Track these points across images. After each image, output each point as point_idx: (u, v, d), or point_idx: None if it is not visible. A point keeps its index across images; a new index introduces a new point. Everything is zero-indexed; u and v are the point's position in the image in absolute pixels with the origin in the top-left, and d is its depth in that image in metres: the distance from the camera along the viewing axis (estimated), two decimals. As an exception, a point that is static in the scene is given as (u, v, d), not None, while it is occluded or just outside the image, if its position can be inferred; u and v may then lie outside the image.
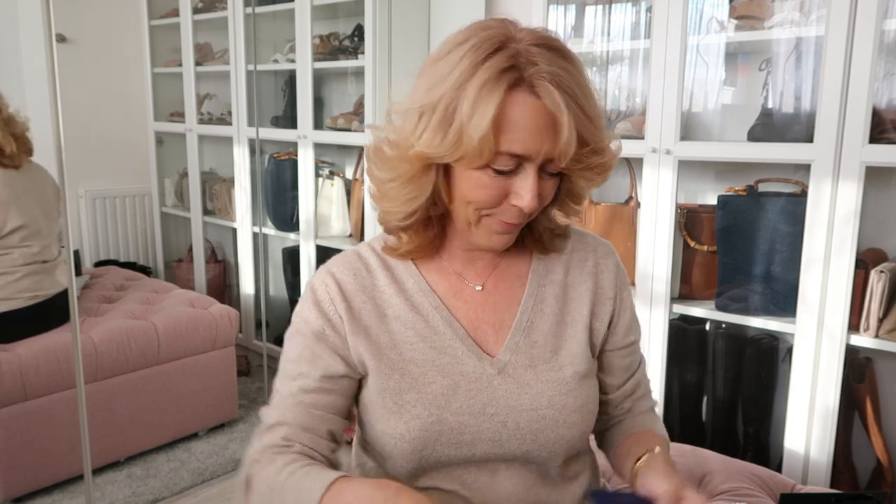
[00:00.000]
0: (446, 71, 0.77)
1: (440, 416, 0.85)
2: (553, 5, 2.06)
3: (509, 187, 0.80)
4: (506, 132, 0.76)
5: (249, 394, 2.74)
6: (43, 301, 2.06)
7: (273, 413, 0.88)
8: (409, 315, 0.90)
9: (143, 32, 3.32)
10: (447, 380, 0.87)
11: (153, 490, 2.07)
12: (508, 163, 0.78)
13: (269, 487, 0.80)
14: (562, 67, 0.76)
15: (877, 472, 1.72)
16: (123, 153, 3.37)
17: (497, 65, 0.75)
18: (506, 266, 0.94)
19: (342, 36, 2.74)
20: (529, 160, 0.78)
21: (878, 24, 1.49)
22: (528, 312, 0.92)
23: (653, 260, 1.87)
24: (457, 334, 0.89)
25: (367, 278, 0.91)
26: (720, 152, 1.85)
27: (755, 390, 1.89)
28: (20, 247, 2.01)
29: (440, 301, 0.91)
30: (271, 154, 2.94)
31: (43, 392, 1.98)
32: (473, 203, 0.82)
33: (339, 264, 0.92)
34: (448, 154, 0.78)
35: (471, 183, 0.80)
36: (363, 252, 0.94)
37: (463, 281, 0.92)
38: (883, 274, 1.57)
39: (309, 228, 2.72)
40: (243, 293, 3.08)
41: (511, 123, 0.75)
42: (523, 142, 0.76)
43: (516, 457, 0.88)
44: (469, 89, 0.75)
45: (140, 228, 3.45)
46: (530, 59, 0.76)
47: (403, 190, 0.83)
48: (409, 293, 0.91)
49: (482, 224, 0.84)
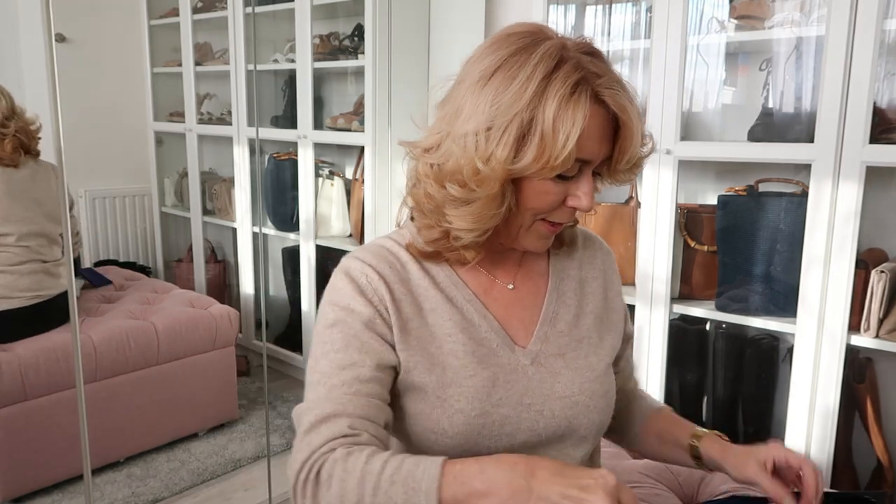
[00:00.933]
0: (515, 87, 0.77)
1: (483, 408, 0.85)
2: (553, 5, 2.06)
3: (567, 191, 0.84)
4: (580, 141, 0.78)
5: (249, 394, 2.74)
6: (44, 301, 2.06)
7: (325, 405, 0.81)
8: (446, 307, 0.89)
9: (143, 32, 3.31)
10: (487, 371, 0.87)
11: (153, 490, 2.07)
12: (574, 168, 0.81)
13: (358, 482, 0.73)
14: (615, 75, 0.81)
15: (877, 472, 1.72)
16: (123, 153, 3.37)
17: (568, 78, 0.77)
18: (529, 265, 0.98)
19: (342, 36, 2.74)
20: (589, 164, 0.83)
21: (879, 24, 1.49)
22: (553, 304, 0.96)
23: (653, 260, 1.87)
24: (491, 326, 0.91)
25: (402, 272, 0.90)
26: (720, 152, 1.85)
27: (755, 390, 1.89)
28: (17, 245, 2.01)
29: (473, 295, 0.92)
30: (271, 154, 2.94)
31: (43, 392, 1.98)
32: (534, 209, 0.85)
33: (371, 256, 0.90)
34: (528, 167, 0.79)
35: (537, 190, 0.82)
36: (389, 246, 0.92)
37: (494, 280, 0.94)
38: (883, 274, 1.57)
39: (309, 228, 2.72)
40: (243, 293, 3.08)
41: (584, 133, 0.78)
42: (591, 148, 0.81)
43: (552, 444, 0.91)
44: (548, 103, 0.77)
45: (140, 228, 3.45)
46: (591, 70, 0.79)
47: (486, 209, 0.82)
48: (442, 286, 0.91)
49: (533, 229, 0.87)
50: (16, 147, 2.04)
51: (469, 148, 0.80)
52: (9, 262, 1.99)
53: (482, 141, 0.79)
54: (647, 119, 1.83)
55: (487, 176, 0.79)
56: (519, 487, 0.68)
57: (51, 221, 2.12)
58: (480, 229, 0.84)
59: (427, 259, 0.91)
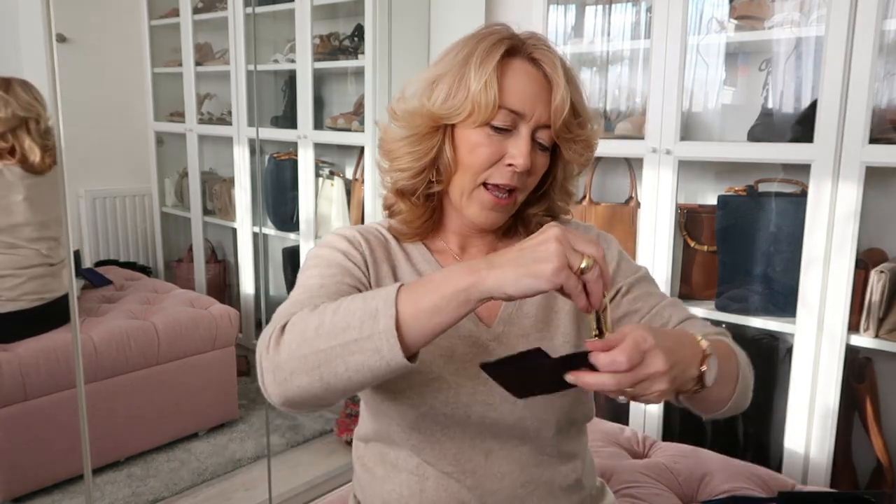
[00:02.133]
0: (453, 52, 0.91)
1: (440, 374, 0.90)
2: (553, 5, 2.06)
3: (504, 149, 0.89)
4: (505, 91, 0.87)
5: (249, 394, 2.74)
6: (47, 303, 2.06)
7: (299, 298, 0.83)
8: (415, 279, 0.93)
9: (143, 32, 3.31)
10: (446, 341, 0.91)
11: (153, 490, 2.07)
12: (506, 120, 0.88)
13: (318, 314, 0.73)
14: (551, 47, 0.92)
15: (877, 472, 1.71)
16: (123, 153, 3.37)
17: (496, 38, 0.89)
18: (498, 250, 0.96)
19: (342, 36, 2.74)
20: (524, 120, 0.88)
21: (878, 24, 1.49)
22: None
23: (653, 260, 1.87)
24: None
25: (385, 244, 0.99)
26: (720, 152, 1.85)
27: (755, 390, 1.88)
28: (29, 248, 2.02)
29: None
30: (271, 154, 2.94)
31: (43, 392, 1.98)
32: (471, 167, 0.90)
33: (360, 227, 1.00)
34: (456, 110, 0.88)
35: (471, 143, 0.89)
36: (376, 226, 1.02)
37: (459, 261, 0.98)
38: (883, 274, 1.57)
39: (309, 228, 2.72)
40: (243, 293, 3.08)
41: (510, 83, 0.88)
42: (520, 100, 0.88)
43: (510, 426, 0.91)
44: (474, 57, 0.88)
45: (140, 228, 3.44)
46: (523, 38, 0.91)
47: (414, 148, 0.92)
48: (415, 262, 0.98)
49: (474, 197, 0.91)
50: (53, 160, 2.08)
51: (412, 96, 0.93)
52: (19, 265, 2.00)
53: (424, 92, 0.92)
54: (648, 119, 1.84)
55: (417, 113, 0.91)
56: (475, 267, 0.69)
57: (59, 224, 2.14)
58: (412, 168, 0.93)
59: (403, 238, 0.99)
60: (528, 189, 0.94)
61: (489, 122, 0.88)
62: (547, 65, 0.89)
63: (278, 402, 0.75)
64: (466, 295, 0.68)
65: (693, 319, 0.97)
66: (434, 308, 0.68)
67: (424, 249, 0.99)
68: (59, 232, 2.11)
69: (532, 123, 0.89)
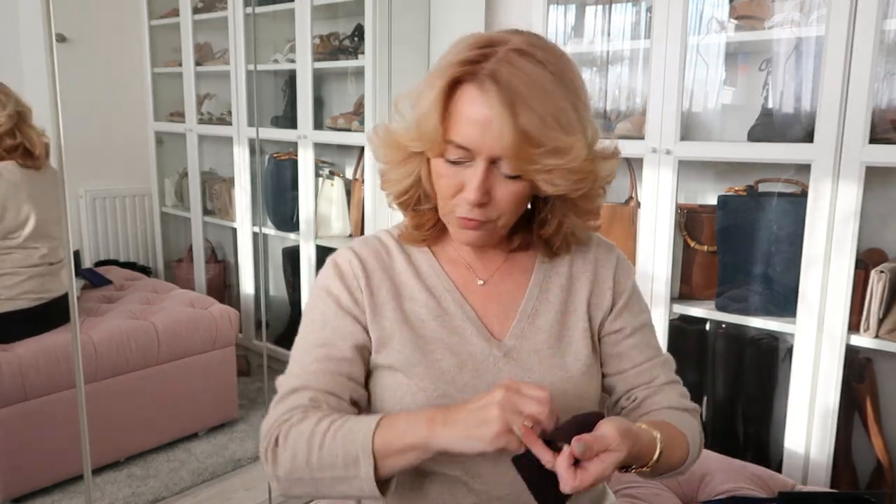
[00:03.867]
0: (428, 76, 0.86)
1: (446, 391, 0.88)
2: (553, 5, 2.06)
3: (463, 181, 0.85)
4: (453, 123, 0.82)
5: (249, 394, 2.74)
6: (47, 302, 2.06)
7: (294, 380, 0.89)
8: (423, 295, 0.94)
9: (143, 32, 3.31)
10: (455, 358, 0.90)
11: (153, 490, 2.07)
12: (457, 153, 0.83)
13: (307, 440, 0.81)
14: (518, 68, 0.79)
15: (877, 472, 1.72)
16: (123, 153, 3.37)
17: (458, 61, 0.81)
18: (513, 262, 0.98)
19: (342, 36, 2.74)
20: (477, 154, 0.82)
21: (878, 24, 1.49)
22: (534, 300, 0.96)
23: (653, 260, 1.87)
24: (467, 316, 0.93)
25: (387, 260, 0.97)
26: (720, 152, 1.85)
27: (755, 390, 1.89)
28: (29, 248, 2.02)
29: (453, 284, 0.96)
30: (271, 154, 2.94)
31: (43, 392, 1.98)
32: (440, 193, 0.88)
33: (360, 244, 0.98)
34: (413, 141, 0.86)
35: (436, 172, 0.87)
36: (382, 237, 1.00)
37: (471, 273, 0.97)
38: (883, 274, 1.57)
39: (309, 228, 2.72)
40: (243, 293, 3.08)
41: (456, 115, 0.82)
42: (466, 134, 0.81)
43: None
44: (429, 89, 0.83)
45: (140, 228, 3.44)
46: (493, 59, 0.80)
47: (393, 173, 0.93)
48: (423, 276, 0.96)
49: (451, 218, 0.89)
50: (47, 152, 2.09)
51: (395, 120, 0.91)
52: (20, 264, 2.00)
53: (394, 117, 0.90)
54: (648, 119, 1.83)
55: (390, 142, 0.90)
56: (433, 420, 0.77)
57: (58, 223, 2.13)
58: (395, 191, 0.94)
59: (413, 243, 0.98)
60: (502, 217, 0.87)
61: (442, 155, 0.84)
62: (485, 95, 0.79)
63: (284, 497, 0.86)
64: (424, 448, 0.77)
65: (675, 384, 1.00)
66: (401, 452, 0.78)
67: (432, 259, 0.97)
68: (58, 231, 2.11)
69: (484, 156, 0.81)
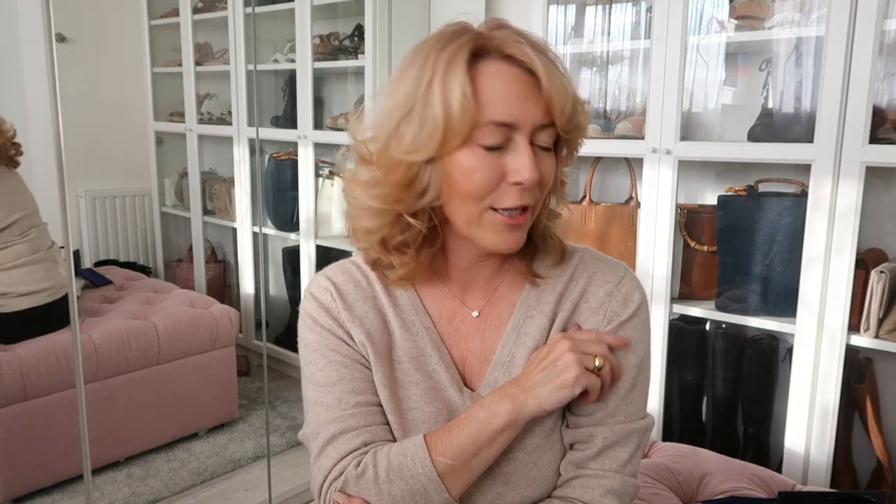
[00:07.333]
0: (413, 74, 0.76)
1: None
2: (553, 5, 2.06)
3: (504, 167, 0.75)
4: (485, 104, 0.73)
5: (249, 394, 2.74)
6: (47, 303, 2.06)
7: (329, 426, 0.82)
8: (400, 332, 0.87)
9: (143, 32, 3.31)
10: (431, 406, 0.85)
11: (153, 490, 2.07)
12: (496, 135, 0.74)
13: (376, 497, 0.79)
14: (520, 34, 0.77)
15: (877, 472, 1.72)
16: (123, 153, 3.37)
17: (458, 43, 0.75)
18: (501, 293, 0.89)
19: (342, 36, 2.74)
20: (517, 129, 0.75)
21: (878, 24, 1.49)
22: (510, 346, 0.87)
23: (653, 260, 1.87)
24: (443, 360, 0.87)
25: (368, 289, 0.89)
26: (720, 152, 1.85)
27: (755, 390, 1.89)
28: (24, 242, 2.03)
29: (432, 323, 0.88)
30: (271, 154, 2.94)
31: (43, 392, 1.98)
32: (471, 194, 0.76)
33: (338, 271, 0.90)
34: (432, 143, 0.74)
35: (462, 169, 0.75)
36: (360, 262, 0.90)
37: (462, 304, 0.89)
38: (883, 274, 1.57)
39: (309, 228, 2.72)
40: (243, 293, 3.08)
41: (488, 93, 0.74)
42: (506, 108, 0.74)
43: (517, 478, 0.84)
44: (437, 76, 0.74)
45: (140, 228, 3.45)
46: (491, 36, 0.76)
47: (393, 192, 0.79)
48: (402, 310, 0.88)
49: (485, 221, 0.78)
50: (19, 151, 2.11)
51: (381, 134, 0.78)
52: (19, 256, 2.01)
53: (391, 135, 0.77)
54: (648, 119, 1.84)
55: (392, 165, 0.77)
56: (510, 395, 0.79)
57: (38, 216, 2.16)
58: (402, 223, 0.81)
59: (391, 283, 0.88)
60: (539, 203, 0.81)
61: (476, 143, 0.74)
62: (523, 57, 0.74)
63: None
64: (514, 425, 0.78)
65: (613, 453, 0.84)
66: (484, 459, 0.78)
67: (413, 293, 0.88)
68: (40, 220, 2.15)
69: (528, 129, 0.75)
